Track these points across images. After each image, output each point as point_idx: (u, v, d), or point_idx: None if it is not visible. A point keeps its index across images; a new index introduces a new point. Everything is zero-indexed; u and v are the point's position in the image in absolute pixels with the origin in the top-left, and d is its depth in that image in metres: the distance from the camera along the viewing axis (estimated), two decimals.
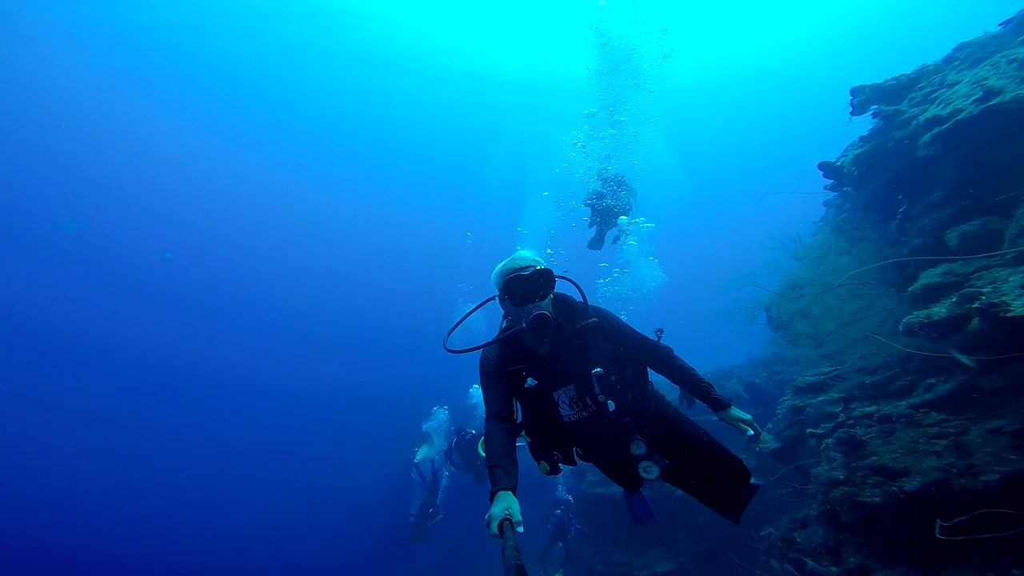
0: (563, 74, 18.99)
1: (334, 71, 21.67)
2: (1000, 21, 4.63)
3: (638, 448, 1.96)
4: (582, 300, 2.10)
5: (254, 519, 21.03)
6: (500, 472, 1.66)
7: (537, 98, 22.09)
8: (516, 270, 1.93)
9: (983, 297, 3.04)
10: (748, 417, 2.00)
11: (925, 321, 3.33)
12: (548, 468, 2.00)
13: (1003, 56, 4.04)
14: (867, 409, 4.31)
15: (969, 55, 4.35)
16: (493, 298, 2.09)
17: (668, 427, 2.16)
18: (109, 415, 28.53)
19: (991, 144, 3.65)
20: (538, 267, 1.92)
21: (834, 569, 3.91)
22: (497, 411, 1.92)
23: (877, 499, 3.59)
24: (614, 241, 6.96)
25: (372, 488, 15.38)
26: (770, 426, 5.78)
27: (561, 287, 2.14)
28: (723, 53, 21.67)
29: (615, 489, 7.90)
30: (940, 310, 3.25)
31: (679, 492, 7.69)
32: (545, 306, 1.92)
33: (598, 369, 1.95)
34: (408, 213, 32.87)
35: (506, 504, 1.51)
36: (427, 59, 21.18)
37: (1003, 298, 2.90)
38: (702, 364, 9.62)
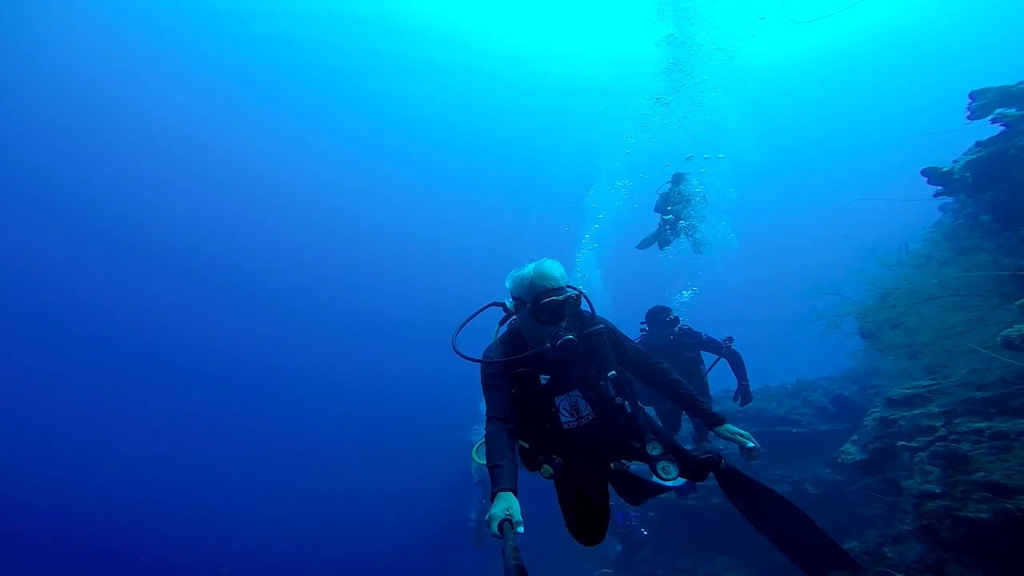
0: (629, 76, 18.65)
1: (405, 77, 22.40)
2: None
3: (654, 448, 1.96)
4: (589, 308, 2.13)
5: (313, 513, 21.07)
6: (501, 472, 1.67)
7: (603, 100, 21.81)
8: (549, 291, 1.91)
9: None
10: (747, 433, 1.93)
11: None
12: (551, 472, 1.97)
13: None
14: (976, 425, 4.10)
15: None
16: (502, 304, 2.13)
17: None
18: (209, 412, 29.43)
19: None
20: (571, 293, 1.94)
21: None
22: (498, 413, 1.90)
23: (984, 515, 3.46)
24: (697, 251, 6.90)
25: (429, 484, 15.47)
26: (855, 437, 5.58)
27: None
28: (817, 41, 19.86)
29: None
30: None
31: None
32: (566, 327, 1.95)
33: (612, 372, 1.98)
34: (468, 210, 33.47)
35: (507, 504, 1.53)
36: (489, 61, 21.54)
37: None
38: (779, 375, 9.22)
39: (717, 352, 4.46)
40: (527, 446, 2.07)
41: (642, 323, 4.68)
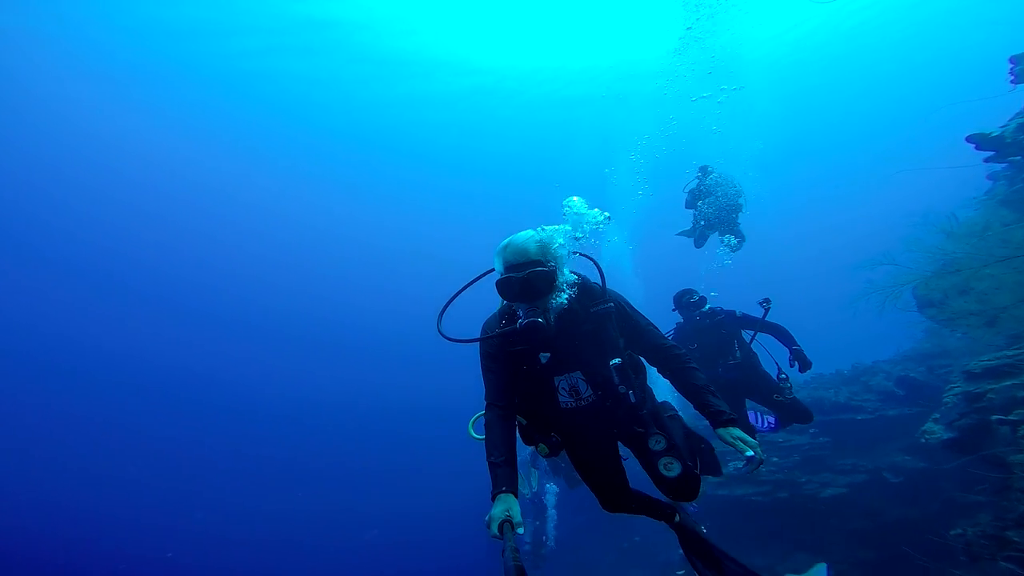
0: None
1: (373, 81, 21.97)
2: None
3: (657, 443, 1.84)
4: (600, 281, 1.93)
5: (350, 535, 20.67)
6: (500, 472, 1.64)
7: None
8: (509, 267, 1.77)
9: None
10: (752, 440, 1.68)
11: None
12: (547, 450, 1.94)
13: None
14: None
15: None
16: (491, 271, 1.94)
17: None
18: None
19: None
20: (536, 269, 1.73)
21: None
22: (497, 398, 1.84)
23: None
24: (733, 249, 6.74)
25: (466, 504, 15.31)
26: (936, 416, 5.33)
27: (579, 265, 2.00)
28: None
29: (741, 491, 7.57)
30: None
31: (826, 493, 7.12)
32: (545, 303, 1.78)
33: (616, 360, 1.83)
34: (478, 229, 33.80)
35: (506, 506, 1.53)
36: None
37: None
38: (833, 361, 8.92)
39: (754, 326, 4.18)
40: (525, 422, 2.00)
41: (673, 310, 4.50)
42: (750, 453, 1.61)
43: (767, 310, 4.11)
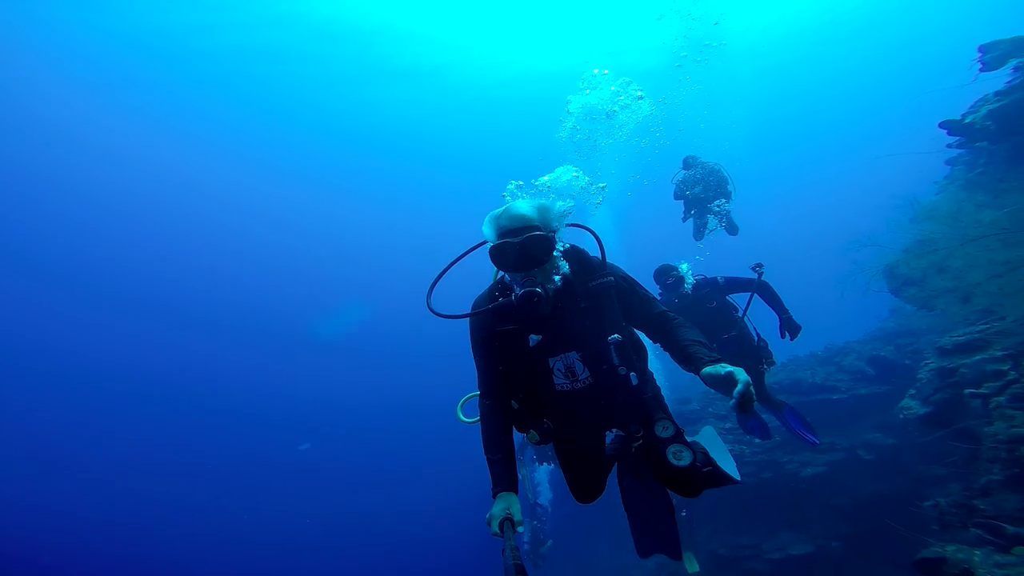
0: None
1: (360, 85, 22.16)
2: None
3: (665, 430, 1.70)
4: (600, 254, 1.82)
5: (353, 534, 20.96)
6: (500, 470, 1.61)
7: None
8: (507, 231, 1.63)
9: None
10: (744, 376, 1.37)
11: None
12: (538, 437, 1.83)
13: None
14: None
15: None
16: (483, 244, 1.80)
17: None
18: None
19: None
20: (536, 228, 1.62)
21: None
22: (491, 389, 1.77)
23: None
24: (707, 231, 6.69)
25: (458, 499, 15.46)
26: (912, 392, 5.52)
27: (575, 237, 1.90)
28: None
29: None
30: None
31: (806, 472, 7.34)
32: (544, 271, 1.65)
33: (616, 336, 1.68)
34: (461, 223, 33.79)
35: (507, 504, 1.51)
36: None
37: None
38: (810, 343, 9.19)
39: (747, 289, 4.02)
40: (516, 406, 1.86)
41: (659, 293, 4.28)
42: (740, 388, 1.33)
43: (760, 274, 3.96)
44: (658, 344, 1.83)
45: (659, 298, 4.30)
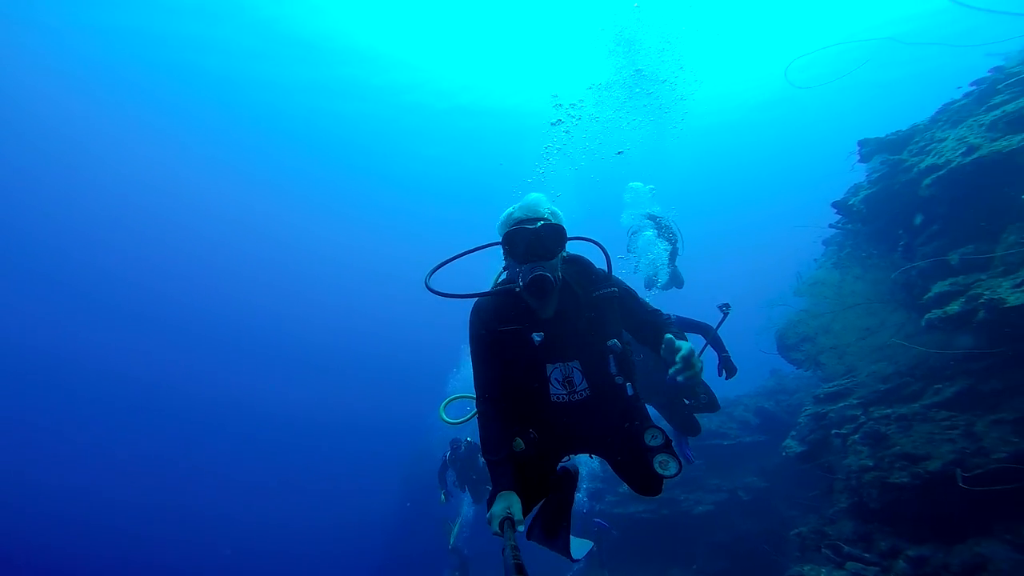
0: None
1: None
2: (971, 82, 5.59)
3: (654, 439, 1.69)
4: (605, 266, 1.85)
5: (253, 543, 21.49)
6: (501, 471, 1.60)
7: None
8: (522, 220, 1.69)
9: (985, 295, 3.75)
10: (688, 344, 1.45)
11: (943, 316, 4.01)
12: (523, 446, 1.76)
13: (974, 120, 5.06)
14: (885, 411, 4.85)
15: (949, 117, 5.34)
16: (496, 244, 1.82)
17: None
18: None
19: (977, 185, 4.53)
20: (550, 221, 1.68)
21: (868, 555, 4.27)
22: (491, 391, 1.74)
23: (905, 479, 4.05)
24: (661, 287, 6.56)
25: (371, 519, 15.14)
26: (793, 433, 6.23)
27: (580, 249, 1.91)
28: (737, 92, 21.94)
29: (634, 508, 8.00)
30: (954, 307, 3.95)
31: (698, 510, 7.74)
32: (552, 266, 1.66)
33: (614, 341, 1.72)
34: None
35: (507, 503, 1.50)
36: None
37: (1001, 295, 3.61)
38: (717, 390, 10.08)
39: (700, 331, 3.88)
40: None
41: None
42: (684, 352, 1.37)
43: (725, 315, 3.88)
44: (647, 345, 1.86)
45: None
